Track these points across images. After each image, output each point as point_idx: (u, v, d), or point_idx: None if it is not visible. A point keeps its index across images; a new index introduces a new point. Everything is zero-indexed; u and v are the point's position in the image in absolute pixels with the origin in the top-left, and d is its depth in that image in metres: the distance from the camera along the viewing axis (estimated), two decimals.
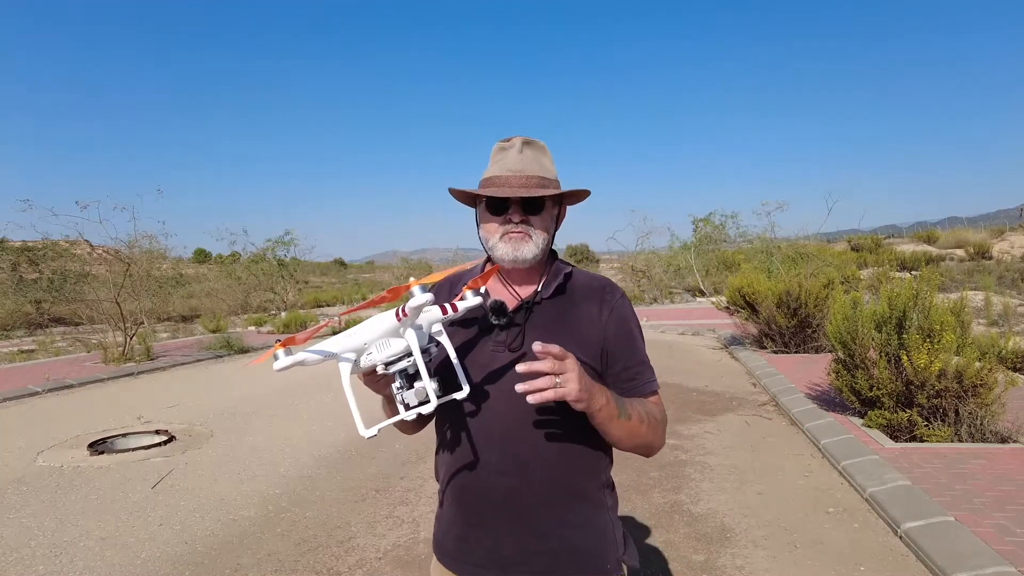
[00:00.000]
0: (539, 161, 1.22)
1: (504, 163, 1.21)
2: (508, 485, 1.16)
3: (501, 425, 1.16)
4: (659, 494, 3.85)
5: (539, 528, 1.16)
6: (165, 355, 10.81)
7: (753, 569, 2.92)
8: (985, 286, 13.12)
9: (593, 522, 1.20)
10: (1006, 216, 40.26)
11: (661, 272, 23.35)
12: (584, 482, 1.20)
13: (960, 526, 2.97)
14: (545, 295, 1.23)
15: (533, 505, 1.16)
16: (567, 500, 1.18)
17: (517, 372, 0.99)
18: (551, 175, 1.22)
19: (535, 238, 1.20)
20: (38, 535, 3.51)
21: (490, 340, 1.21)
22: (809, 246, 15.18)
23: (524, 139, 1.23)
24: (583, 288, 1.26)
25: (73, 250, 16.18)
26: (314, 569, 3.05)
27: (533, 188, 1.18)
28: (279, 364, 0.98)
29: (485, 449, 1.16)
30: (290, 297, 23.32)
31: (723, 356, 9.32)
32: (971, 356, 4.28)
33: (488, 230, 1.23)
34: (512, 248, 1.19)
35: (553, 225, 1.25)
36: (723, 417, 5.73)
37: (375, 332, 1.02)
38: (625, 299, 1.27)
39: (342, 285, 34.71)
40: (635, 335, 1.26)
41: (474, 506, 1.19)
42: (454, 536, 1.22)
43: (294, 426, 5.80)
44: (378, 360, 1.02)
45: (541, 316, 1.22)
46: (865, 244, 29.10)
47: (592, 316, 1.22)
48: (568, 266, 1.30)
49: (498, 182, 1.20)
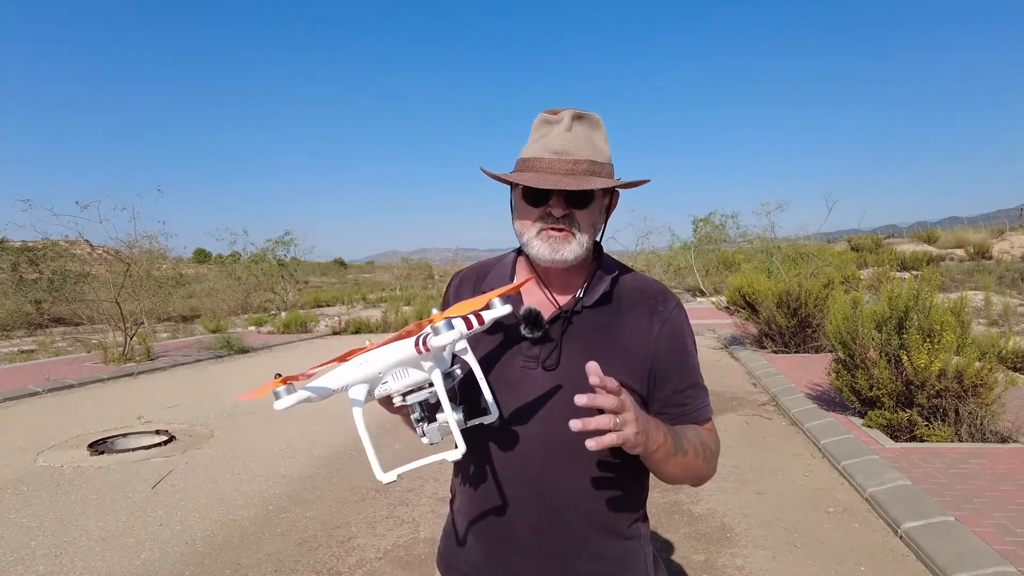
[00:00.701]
0: (591, 141, 1.00)
1: (548, 142, 1.00)
2: (535, 521, 1.02)
3: (532, 454, 1.01)
4: (659, 494, 3.85)
5: (568, 565, 1.04)
6: (165, 355, 10.81)
7: (753, 569, 2.92)
8: (985, 286, 13.12)
9: (626, 555, 1.08)
10: (1006, 216, 40.25)
11: (661, 272, 23.36)
12: (621, 518, 1.07)
13: (960, 526, 2.97)
14: (587, 303, 1.05)
15: (564, 541, 1.03)
16: (600, 535, 1.04)
17: (576, 404, 0.82)
18: (604, 158, 1.01)
19: (579, 236, 1.01)
20: (38, 535, 3.51)
21: (520, 354, 1.04)
22: (809, 246, 15.18)
23: (575, 112, 1.01)
24: (632, 295, 1.08)
25: (73, 250, 16.19)
26: (314, 569, 3.05)
27: (581, 176, 0.97)
28: (281, 404, 0.88)
29: (513, 480, 1.03)
30: (290, 297, 23.34)
31: (723, 356, 9.32)
32: (971, 356, 4.28)
33: (524, 221, 1.03)
34: (550, 249, 1.00)
35: (603, 219, 1.07)
36: (723, 417, 5.73)
37: (390, 361, 0.91)
38: (681, 310, 1.10)
39: (342, 285, 34.72)
40: (690, 352, 1.09)
41: (497, 537, 1.06)
42: (472, 561, 1.10)
43: (294, 426, 5.80)
44: (395, 390, 0.92)
45: (581, 328, 1.04)
46: (865, 244, 29.10)
47: (641, 330, 1.05)
48: (616, 266, 1.12)
49: (539, 166, 0.99)
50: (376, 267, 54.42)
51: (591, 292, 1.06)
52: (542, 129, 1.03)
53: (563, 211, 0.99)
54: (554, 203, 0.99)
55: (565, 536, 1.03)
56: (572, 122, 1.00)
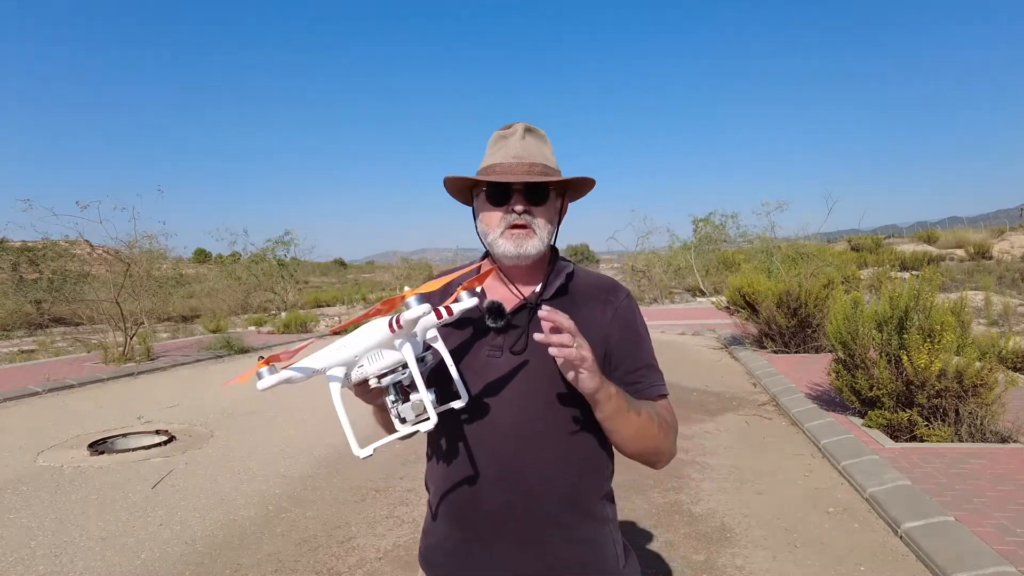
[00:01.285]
0: (541, 150, 1.15)
1: (506, 150, 1.14)
2: (507, 500, 1.08)
3: (501, 435, 1.08)
4: (659, 494, 3.85)
5: (540, 546, 1.09)
6: (165, 355, 10.81)
7: (753, 569, 2.92)
8: (985, 286, 13.12)
9: (594, 537, 1.13)
10: (1006, 216, 40.26)
11: (661, 272, 23.35)
12: (587, 496, 1.13)
13: (960, 526, 2.97)
14: (546, 296, 1.16)
15: (534, 521, 1.09)
16: (570, 516, 1.11)
17: (535, 340, 0.93)
18: (554, 165, 1.16)
19: (539, 232, 1.13)
20: (38, 535, 3.51)
21: (485, 344, 1.13)
22: (809, 246, 15.18)
23: (526, 125, 1.16)
24: (587, 288, 1.20)
25: (73, 250, 16.19)
26: (314, 569, 3.05)
27: (537, 176, 1.11)
28: (263, 383, 0.92)
29: (483, 461, 1.09)
30: (290, 297, 23.34)
31: (723, 356, 9.32)
32: (971, 356, 4.28)
33: (488, 222, 1.15)
34: (515, 244, 1.12)
35: (557, 218, 1.18)
36: (723, 417, 5.73)
37: (366, 344, 0.96)
38: (631, 300, 1.21)
39: (342, 285, 34.72)
40: (641, 336, 1.19)
41: (470, 521, 1.11)
42: (446, 551, 1.15)
43: (294, 426, 5.80)
44: (370, 373, 0.97)
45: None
46: (865, 244, 29.10)
47: (596, 318, 1.15)
48: (570, 264, 1.23)
49: (499, 169, 1.12)
50: (376, 267, 54.44)
51: (549, 286, 1.17)
52: (499, 142, 1.17)
53: (524, 206, 1.11)
54: (515, 200, 1.11)
55: (537, 516, 1.09)
56: (525, 133, 1.15)
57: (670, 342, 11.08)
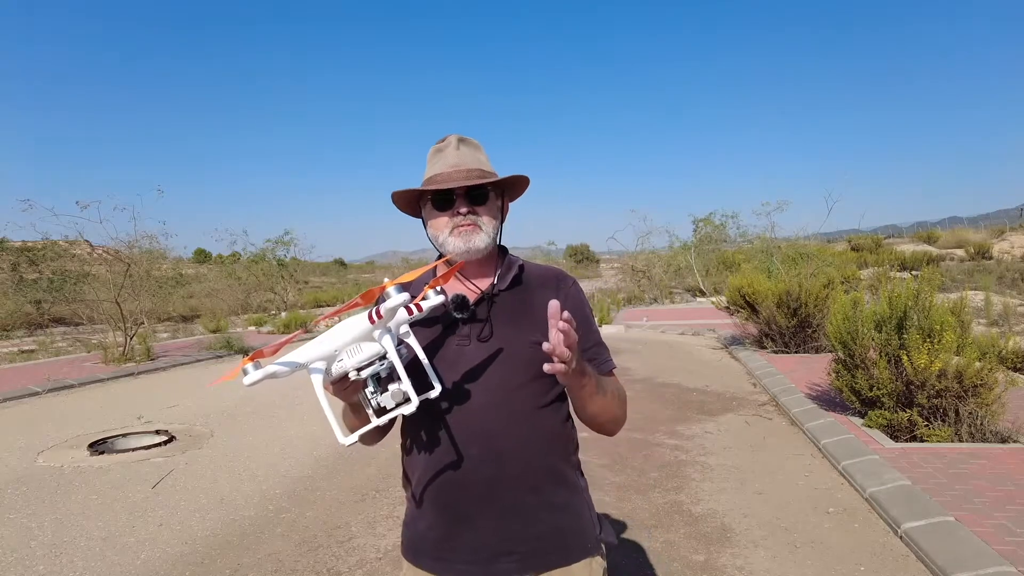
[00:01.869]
0: (476, 156, 1.25)
1: (443, 161, 1.23)
2: (490, 475, 1.17)
3: (479, 417, 1.17)
4: (659, 494, 3.85)
5: (523, 514, 1.18)
6: (165, 355, 10.81)
7: (753, 569, 2.92)
8: (985, 286, 13.11)
9: (572, 504, 1.25)
10: (1006, 216, 40.28)
11: (661, 272, 23.35)
12: (561, 464, 1.24)
13: (960, 526, 2.97)
14: (502, 287, 1.26)
15: (515, 492, 1.18)
16: (547, 483, 1.21)
17: (546, 349, 0.98)
18: (490, 168, 1.26)
19: (485, 228, 1.23)
20: (38, 535, 3.51)
21: (454, 335, 1.22)
22: (809, 246, 15.18)
23: (459, 136, 1.27)
24: (538, 279, 1.31)
25: (73, 250, 16.18)
26: (314, 569, 3.05)
27: (475, 179, 1.21)
28: (249, 379, 0.95)
29: (465, 443, 1.17)
30: (290, 297, 23.35)
31: (723, 356, 9.32)
32: (971, 356, 4.28)
33: (436, 227, 1.25)
34: (463, 241, 1.21)
35: (500, 216, 1.28)
36: (723, 417, 5.73)
37: (345, 338, 1.00)
38: (578, 286, 1.34)
39: (342, 285, 34.71)
40: (590, 318, 1.31)
41: (456, 503, 1.19)
42: (435, 537, 1.22)
43: (294, 426, 5.80)
44: (350, 366, 1.00)
45: (502, 306, 1.24)
46: (865, 244, 29.12)
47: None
48: (519, 259, 1.33)
49: (440, 179, 1.21)
50: (376, 267, 54.44)
51: (503, 278, 1.27)
52: (436, 156, 1.26)
53: (467, 208, 1.21)
54: (459, 203, 1.21)
55: (519, 487, 1.18)
56: (459, 144, 1.25)
57: (670, 342, 11.08)
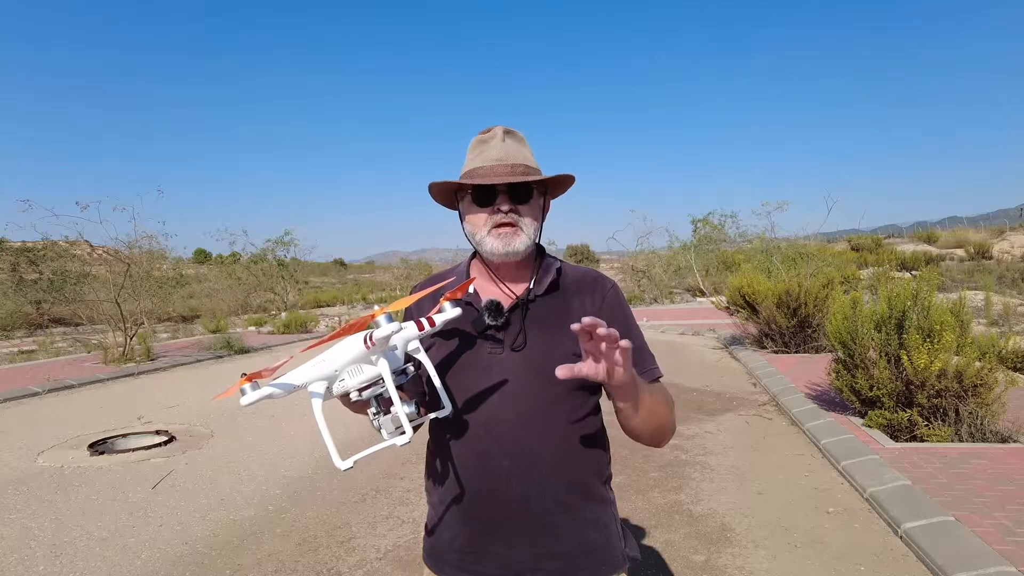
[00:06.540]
0: (521, 151, 1.18)
1: (487, 153, 1.16)
2: (521, 490, 1.11)
3: (511, 429, 1.11)
4: (659, 494, 3.85)
5: (554, 530, 1.13)
6: (165, 355, 10.81)
7: (753, 569, 2.92)
8: (985, 286, 13.11)
9: (599, 518, 1.18)
10: (1006, 216, 40.29)
11: (661, 272, 23.36)
12: (593, 479, 1.18)
13: (960, 526, 2.97)
14: (538, 292, 1.19)
15: (547, 507, 1.12)
16: (579, 499, 1.15)
17: (558, 375, 0.92)
18: (535, 164, 1.19)
19: (525, 229, 1.16)
20: (38, 535, 3.51)
21: (486, 342, 1.15)
22: (809, 246, 15.18)
23: (505, 128, 1.19)
24: (576, 282, 1.24)
25: (73, 250, 16.18)
26: (314, 569, 3.05)
27: (520, 176, 1.14)
28: (246, 399, 0.94)
29: (495, 455, 1.11)
30: (290, 297, 23.36)
31: (723, 356, 9.32)
32: (971, 356, 4.28)
33: (474, 223, 1.18)
34: (503, 243, 1.14)
35: (541, 216, 1.21)
36: (723, 417, 5.73)
37: (344, 359, 0.98)
38: (617, 289, 1.26)
39: (342, 285, 34.72)
40: (632, 322, 1.23)
41: (485, 515, 1.14)
42: (460, 547, 1.16)
43: (294, 426, 5.80)
44: (350, 387, 0.98)
45: (538, 313, 1.18)
46: (865, 244, 29.12)
47: (587, 309, 1.19)
48: (557, 261, 1.26)
49: (482, 172, 1.14)
50: (376, 267, 54.46)
51: (540, 283, 1.20)
52: (479, 147, 1.19)
53: (509, 206, 1.14)
54: (501, 200, 1.14)
55: (551, 501, 1.12)
56: (504, 136, 1.18)
57: (670, 342, 11.08)
